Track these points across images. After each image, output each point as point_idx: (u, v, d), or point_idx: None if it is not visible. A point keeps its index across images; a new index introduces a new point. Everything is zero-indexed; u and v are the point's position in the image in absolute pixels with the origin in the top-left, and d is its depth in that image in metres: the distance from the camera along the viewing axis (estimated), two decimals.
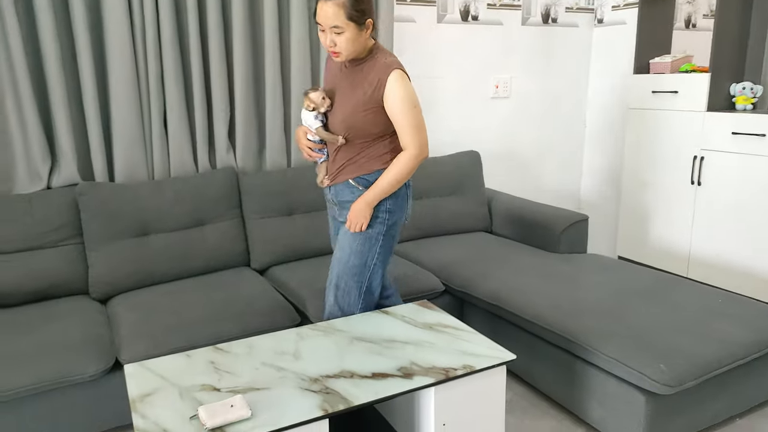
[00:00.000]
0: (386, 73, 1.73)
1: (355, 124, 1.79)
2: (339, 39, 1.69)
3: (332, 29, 1.68)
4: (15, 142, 2.25)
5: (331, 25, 1.67)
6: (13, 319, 2.01)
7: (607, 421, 1.85)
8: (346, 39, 1.69)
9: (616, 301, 2.06)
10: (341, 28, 1.67)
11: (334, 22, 1.66)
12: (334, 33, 1.69)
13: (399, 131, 1.77)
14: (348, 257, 1.86)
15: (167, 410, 1.36)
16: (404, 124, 1.75)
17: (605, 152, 3.76)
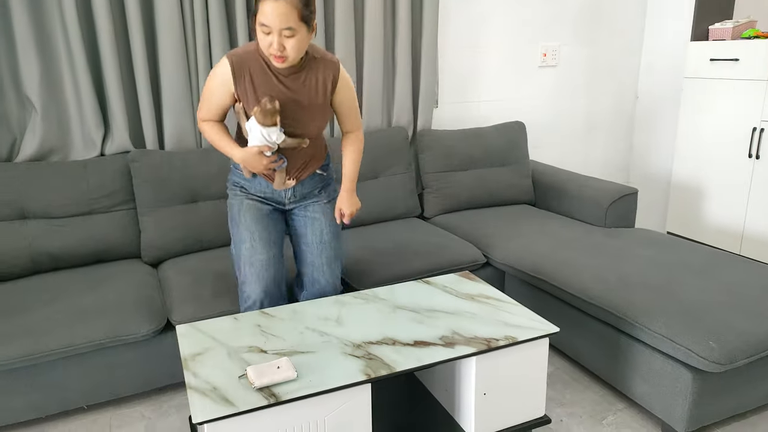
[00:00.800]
0: (336, 69, 1.75)
1: (323, 124, 1.82)
2: (289, 42, 1.57)
3: (283, 31, 1.55)
4: (71, 111, 2.32)
5: (284, 26, 1.54)
6: (72, 281, 2.11)
7: (652, 397, 1.83)
8: (296, 41, 1.58)
9: (665, 277, 2.01)
10: (294, 30, 1.55)
11: (287, 23, 1.54)
12: (284, 36, 1.56)
13: (349, 116, 1.86)
14: (337, 240, 1.93)
15: (217, 369, 1.42)
16: (354, 110, 1.85)
17: (657, 123, 3.61)
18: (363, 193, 2.69)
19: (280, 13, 1.52)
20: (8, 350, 1.73)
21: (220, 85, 1.70)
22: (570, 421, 1.92)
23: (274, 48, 1.57)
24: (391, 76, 2.93)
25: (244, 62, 1.68)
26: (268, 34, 1.57)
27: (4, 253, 2.11)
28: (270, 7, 1.52)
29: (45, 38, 2.24)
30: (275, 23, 1.53)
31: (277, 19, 1.52)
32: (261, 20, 1.55)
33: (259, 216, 1.83)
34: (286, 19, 1.53)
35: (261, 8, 1.54)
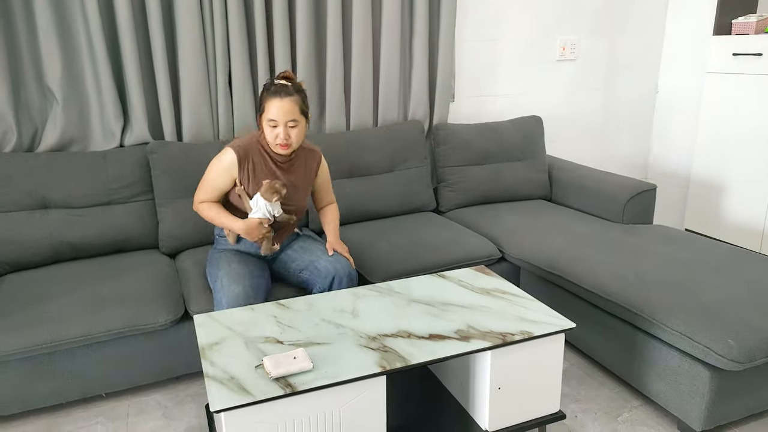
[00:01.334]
0: (319, 157, 2.08)
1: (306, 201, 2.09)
2: (293, 132, 1.87)
3: (288, 123, 1.84)
4: (91, 102, 2.35)
5: (289, 119, 1.84)
6: (91, 270, 2.14)
7: (668, 395, 1.81)
8: (298, 132, 1.88)
9: (684, 274, 1.99)
10: (297, 121, 1.86)
11: (291, 116, 1.84)
12: (289, 127, 1.85)
13: (327, 193, 2.17)
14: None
15: (234, 359, 1.43)
16: (330, 187, 2.18)
17: (678, 119, 3.56)
18: (378, 187, 2.69)
19: (287, 109, 1.83)
20: (30, 337, 1.77)
21: (225, 171, 1.93)
22: (585, 417, 1.92)
23: (280, 138, 1.86)
24: (407, 70, 2.92)
25: (247, 152, 1.93)
26: (275, 127, 1.85)
27: (26, 242, 2.15)
28: (277, 105, 1.83)
29: (66, 30, 2.26)
30: (282, 118, 1.83)
31: (283, 114, 1.83)
32: (269, 116, 1.84)
33: (240, 257, 1.98)
34: (291, 113, 1.84)
35: (268, 107, 1.84)
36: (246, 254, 2.02)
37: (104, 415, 1.95)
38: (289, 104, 1.83)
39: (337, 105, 2.74)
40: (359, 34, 2.69)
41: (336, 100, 2.73)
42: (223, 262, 1.93)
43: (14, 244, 2.13)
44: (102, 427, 1.89)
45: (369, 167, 2.70)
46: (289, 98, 1.83)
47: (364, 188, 2.66)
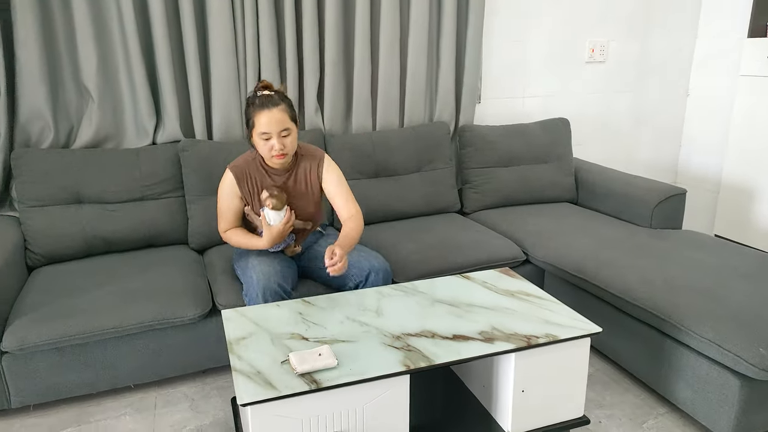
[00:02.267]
0: (319, 161, 1.98)
1: (319, 208, 2.06)
2: (287, 141, 1.84)
3: (281, 133, 1.82)
4: (125, 101, 2.41)
5: (282, 128, 1.82)
6: (123, 264, 2.19)
7: (696, 403, 1.78)
8: (292, 139, 1.86)
9: (713, 280, 1.95)
10: (289, 129, 1.84)
11: (283, 125, 1.82)
12: (282, 136, 1.83)
13: (339, 199, 1.97)
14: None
15: (260, 354, 1.46)
16: (343, 194, 1.98)
17: (709, 123, 3.50)
18: (404, 187, 2.70)
19: (278, 119, 1.81)
20: (63, 328, 1.82)
21: (230, 193, 1.95)
22: (609, 423, 1.90)
23: (275, 149, 1.83)
24: (434, 71, 2.93)
25: (243, 169, 1.95)
26: (268, 140, 1.83)
27: (61, 236, 2.21)
28: (267, 117, 1.80)
29: (102, 31, 2.32)
30: (274, 129, 1.81)
31: (275, 124, 1.81)
32: (261, 130, 1.82)
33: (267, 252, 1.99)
34: (282, 122, 1.82)
35: (258, 120, 1.81)
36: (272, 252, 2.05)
37: (132, 406, 2.00)
38: (278, 114, 1.81)
39: (363, 105, 2.76)
40: (387, 34, 2.70)
41: (363, 100, 2.75)
42: (252, 254, 1.97)
43: (49, 237, 2.20)
44: (130, 417, 1.94)
45: (395, 168, 2.71)
46: (277, 108, 1.81)
47: (389, 188, 2.68)
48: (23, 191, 2.20)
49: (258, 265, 1.88)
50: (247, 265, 1.92)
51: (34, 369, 1.86)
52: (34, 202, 2.21)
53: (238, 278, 2.04)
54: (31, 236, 2.19)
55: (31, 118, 2.28)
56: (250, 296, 1.84)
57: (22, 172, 2.20)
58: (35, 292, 1.98)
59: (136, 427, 1.89)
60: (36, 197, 2.21)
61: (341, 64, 2.69)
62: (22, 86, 2.23)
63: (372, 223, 2.66)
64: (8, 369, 1.83)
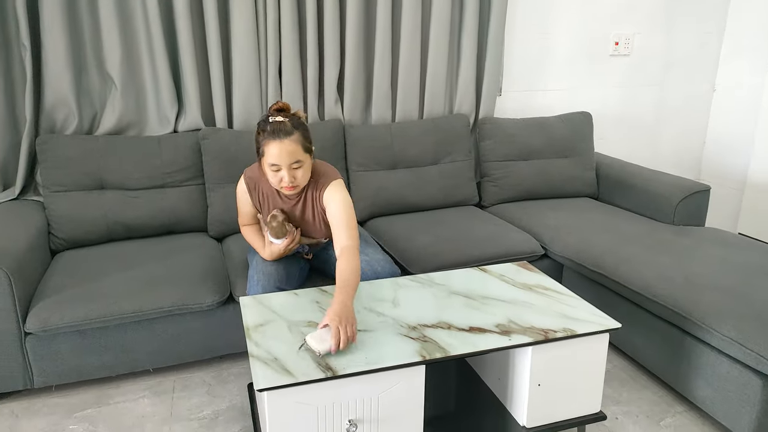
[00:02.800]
0: (321, 189, 1.80)
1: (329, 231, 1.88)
2: (298, 173, 1.71)
3: (292, 165, 1.68)
4: (147, 89, 2.44)
5: (293, 161, 1.68)
6: (143, 250, 2.22)
7: (715, 402, 1.76)
8: (304, 171, 1.72)
9: (737, 279, 1.91)
10: (301, 161, 1.69)
11: (295, 158, 1.67)
12: (293, 168, 1.69)
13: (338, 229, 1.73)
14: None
15: (277, 341, 1.47)
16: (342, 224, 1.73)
17: (735, 118, 3.42)
18: (422, 179, 2.69)
19: (289, 151, 1.66)
20: (85, 312, 1.85)
21: (244, 198, 1.92)
22: (626, 419, 1.88)
23: (285, 182, 1.70)
24: (455, 62, 2.91)
25: (256, 183, 1.87)
26: (277, 171, 1.69)
27: (83, 221, 2.25)
28: (277, 148, 1.65)
29: (127, 19, 2.35)
30: (284, 161, 1.66)
31: (286, 157, 1.66)
32: (270, 161, 1.67)
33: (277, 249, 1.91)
34: (293, 155, 1.67)
35: (268, 151, 1.66)
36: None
37: (151, 389, 2.03)
38: (290, 146, 1.65)
39: (383, 96, 2.75)
40: (408, 25, 2.68)
41: (383, 91, 2.74)
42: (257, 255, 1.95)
43: (72, 222, 2.24)
44: (148, 400, 1.97)
45: (413, 159, 2.70)
46: (289, 138, 1.65)
47: (407, 180, 2.67)
48: (48, 176, 2.24)
49: (262, 264, 1.87)
50: (254, 261, 1.92)
51: (56, 351, 1.89)
52: (57, 187, 2.24)
53: None
54: (55, 221, 2.23)
55: (56, 104, 2.31)
56: (249, 294, 1.83)
57: (46, 158, 2.24)
58: (58, 275, 2.02)
59: (154, 410, 1.92)
60: (60, 182, 2.24)
61: (362, 54, 2.68)
62: (48, 73, 2.26)
63: (389, 215, 2.65)
64: (32, 350, 1.87)
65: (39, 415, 1.89)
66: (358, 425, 1.41)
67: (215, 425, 1.85)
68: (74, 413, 1.91)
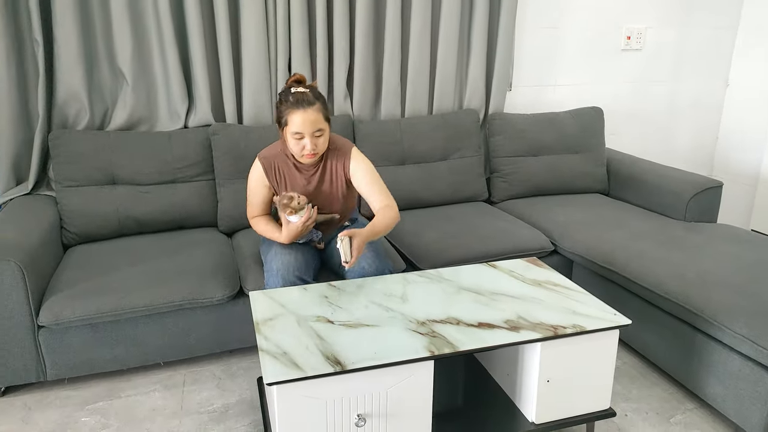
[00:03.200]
0: (347, 155, 1.91)
1: (349, 202, 2.03)
2: (319, 141, 1.81)
3: (314, 133, 1.78)
4: (158, 84, 2.45)
5: (315, 129, 1.78)
6: (154, 245, 2.24)
7: (726, 399, 1.74)
8: (324, 139, 1.83)
9: (749, 276, 1.89)
10: (322, 130, 1.80)
11: (317, 126, 1.78)
12: (315, 137, 1.79)
13: (371, 193, 1.89)
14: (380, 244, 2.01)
15: (286, 335, 1.47)
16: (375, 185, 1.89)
17: (749, 114, 3.38)
18: (431, 175, 2.69)
19: (312, 120, 1.76)
20: (96, 305, 1.87)
21: (258, 181, 1.95)
22: (635, 416, 1.87)
23: (307, 149, 1.80)
24: (465, 58, 2.89)
25: (272, 161, 1.93)
26: (300, 139, 1.79)
27: (95, 215, 2.27)
28: (300, 117, 1.75)
29: (138, 15, 2.36)
30: (308, 129, 1.77)
31: (309, 125, 1.77)
32: (294, 130, 1.78)
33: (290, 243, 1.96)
34: (316, 123, 1.78)
35: (292, 119, 1.77)
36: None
37: (161, 382, 2.05)
38: (313, 115, 1.76)
39: (392, 91, 2.75)
40: (418, 20, 2.67)
41: (392, 86, 2.74)
42: (276, 243, 1.96)
43: (84, 217, 2.26)
44: (159, 393, 1.99)
45: (422, 155, 2.70)
46: (312, 108, 1.76)
47: (416, 176, 2.67)
48: (60, 171, 2.26)
49: (280, 254, 1.88)
50: (270, 253, 1.92)
51: (68, 344, 1.92)
52: (70, 182, 2.27)
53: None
54: (67, 215, 2.25)
55: (68, 99, 2.33)
56: (269, 286, 1.85)
57: (59, 153, 2.26)
58: (70, 269, 2.04)
59: (164, 403, 1.94)
60: (72, 177, 2.26)
61: (371, 50, 2.68)
62: (60, 68, 2.28)
63: (398, 210, 2.65)
64: (44, 343, 1.90)
65: (51, 408, 1.92)
66: (366, 420, 1.42)
67: (225, 419, 1.86)
68: (86, 406, 1.93)
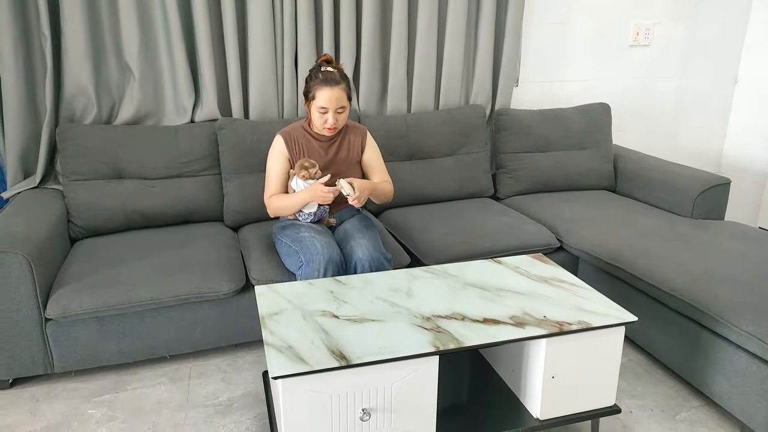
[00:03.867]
0: (365, 133, 2.15)
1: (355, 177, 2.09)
2: (341, 117, 2.00)
3: (338, 110, 1.97)
4: (165, 79, 2.45)
5: (338, 106, 1.96)
6: (160, 239, 2.25)
7: (732, 397, 1.74)
8: (345, 116, 2.02)
9: (756, 273, 1.88)
10: (344, 107, 1.99)
11: (341, 103, 1.97)
12: (338, 113, 1.98)
13: (376, 171, 2.15)
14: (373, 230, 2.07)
15: (292, 329, 1.48)
16: (381, 166, 2.17)
17: (758, 111, 3.35)
18: (437, 170, 2.68)
19: (337, 97, 1.95)
20: (103, 299, 1.88)
21: (280, 155, 2.06)
22: (640, 413, 1.87)
23: (329, 123, 1.98)
24: (472, 53, 2.88)
25: (291, 134, 2.07)
26: (324, 113, 1.97)
27: (102, 209, 2.28)
28: (328, 94, 1.94)
29: (145, 10, 2.36)
30: (332, 105, 1.96)
31: (334, 102, 1.95)
32: (320, 104, 1.96)
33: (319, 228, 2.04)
34: (340, 100, 1.96)
35: (319, 95, 1.95)
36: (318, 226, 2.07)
37: (167, 375, 2.06)
38: (338, 92, 1.95)
39: (399, 86, 2.74)
40: (425, 15, 2.66)
41: (398, 81, 2.73)
42: (303, 227, 2.01)
43: (91, 211, 2.27)
44: (165, 387, 2.00)
45: (429, 150, 2.69)
46: (338, 87, 1.94)
47: (422, 171, 2.66)
48: (67, 165, 2.27)
49: (318, 236, 1.93)
50: (302, 237, 1.94)
51: (75, 337, 1.93)
52: (77, 176, 2.28)
53: (278, 252, 2.07)
54: (74, 209, 2.26)
55: (75, 94, 2.34)
56: (312, 266, 1.85)
57: (66, 147, 2.27)
58: (77, 263, 2.05)
59: (170, 396, 1.95)
60: (79, 171, 2.27)
61: (377, 45, 2.67)
62: (68, 62, 2.29)
63: (404, 206, 2.65)
64: (52, 336, 1.91)
65: (59, 400, 1.93)
66: (371, 414, 1.42)
67: (230, 412, 1.87)
68: (93, 398, 1.94)
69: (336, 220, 2.14)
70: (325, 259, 1.85)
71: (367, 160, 2.15)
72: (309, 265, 1.86)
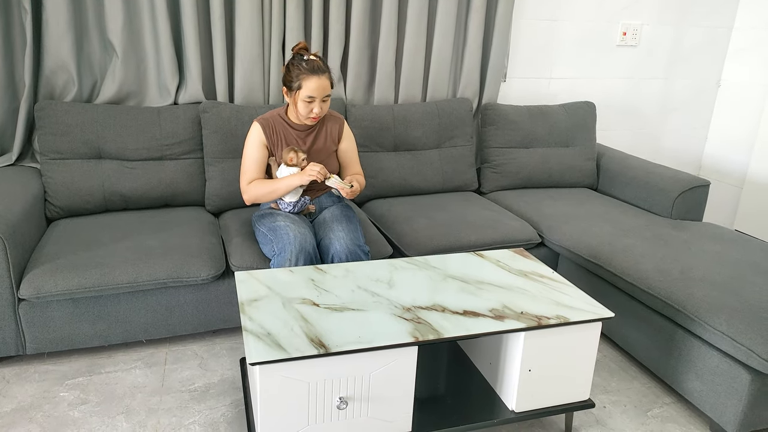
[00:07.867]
0: (342, 122, 2.16)
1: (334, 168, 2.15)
2: (325, 105, 2.00)
3: (323, 99, 1.97)
4: (149, 58, 2.41)
5: (324, 95, 1.97)
6: (140, 222, 2.21)
7: (703, 395, 1.77)
8: (328, 103, 2.02)
9: (731, 274, 1.92)
10: (329, 95, 2.00)
11: (326, 92, 1.97)
12: (322, 101, 1.98)
13: (351, 164, 2.18)
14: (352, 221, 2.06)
15: (271, 316, 1.47)
16: (356, 159, 2.20)
17: (739, 115, 3.41)
18: (422, 162, 2.68)
19: (324, 86, 1.95)
20: (79, 280, 1.85)
21: (257, 142, 2.04)
22: (613, 408, 1.90)
23: (315, 112, 1.98)
24: (461, 47, 2.88)
25: (269, 122, 2.06)
26: (311, 103, 1.96)
27: (80, 190, 2.23)
28: (315, 83, 1.93)
29: None
30: (320, 94, 1.95)
31: (321, 90, 1.95)
32: (308, 93, 1.94)
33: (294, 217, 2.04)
34: (326, 89, 1.97)
35: (306, 84, 1.93)
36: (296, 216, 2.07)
37: (143, 360, 2.04)
38: (324, 81, 1.95)
39: (386, 77, 2.73)
40: (416, 5, 2.65)
41: (386, 72, 2.72)
42: (280, 216, 2.01)
43: (69, 191, 2.22)
44: (140, 371, 1.98)
45: (414, 142, 2.69)
46: (324, 75, 1.95)
47: (407, 163, 2.66)
48: (45, 143, 2.22)
49: (292, 225, 1.92)
50: (277, 226, 1.94)
51: (49, 318, 1.89)
52: (55, 154, 2.23)
53: (257, 240, 2.05)
54: (52, 188, 2.21)
55: (55, 69, 2.28)
56: (284, 255, 1.84)
57: (45, 124, 2.21)
58: (53, 243, 2.01)
59: (145, 381, 1.93)
60: (57, 150, 2.22)
61: (367, 34, 2.65)
62: (48, 37, 2.23)
63: (387, 197, 2.65)
64: (25, 316, 1.87)
65: (30, 381, 1.90)
66: (348, 402, 1.42)
67: (206, 398, 1.86)
68: (66, 381, 1.91)
69: (316, 206, 2.13)
70: (296, 249, 1.84)
71: (344, 150, 2.16)
72: (281, 255, 1.86)
